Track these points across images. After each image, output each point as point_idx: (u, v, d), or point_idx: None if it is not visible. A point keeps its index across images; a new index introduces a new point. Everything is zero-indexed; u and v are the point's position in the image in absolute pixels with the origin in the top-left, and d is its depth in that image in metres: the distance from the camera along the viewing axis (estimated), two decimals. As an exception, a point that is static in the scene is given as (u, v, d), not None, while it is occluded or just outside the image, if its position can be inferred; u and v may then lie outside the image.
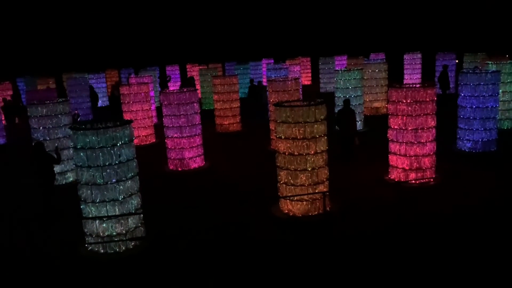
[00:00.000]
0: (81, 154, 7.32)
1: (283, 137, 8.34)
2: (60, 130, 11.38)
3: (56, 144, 10.48)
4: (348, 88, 15.43)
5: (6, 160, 14.92)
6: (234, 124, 16.86)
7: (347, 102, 12.21)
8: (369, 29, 41.21)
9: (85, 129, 7.32)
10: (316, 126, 8.18)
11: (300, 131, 8.15)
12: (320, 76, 26.99)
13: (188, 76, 28.83)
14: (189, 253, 7.48)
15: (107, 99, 26.36)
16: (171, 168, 12.29)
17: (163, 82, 25.46)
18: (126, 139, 7.54)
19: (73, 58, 41.00)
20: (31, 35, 42.96)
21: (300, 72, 23.27)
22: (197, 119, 12.27)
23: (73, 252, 7.66)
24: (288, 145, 8.29)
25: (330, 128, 9.38)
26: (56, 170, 11.26)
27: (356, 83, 15.54)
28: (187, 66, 34.11)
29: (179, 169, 12.15)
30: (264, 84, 27.98)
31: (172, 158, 12.26)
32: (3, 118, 18.30)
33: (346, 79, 15.44)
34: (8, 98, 22.33)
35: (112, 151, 7.33)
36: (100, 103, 25.76)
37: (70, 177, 11.63)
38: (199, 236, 8.10)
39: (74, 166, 8.16)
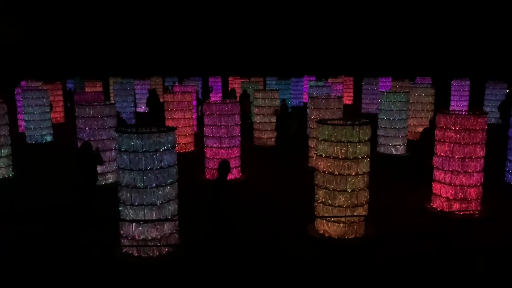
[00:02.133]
0: (124, 156, 7.46)
1: (323, 155, 8.19)
2: (104, 132, 11.71)
3: (99, 146, 10.77)
4: (392, 110, 15.07)
5: (53, 156, 15.51)
6: (272, 139, 16.80)
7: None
8: (416, 52, 40.40)
9: (130, 133, 7.48)
10: (359, 146, 7.99)
11: (342, 151, 7.98)
12: (362, 96, 26.59)
13: (230, 88, 29.15)
14: (220, 264, 7.42)
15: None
16: (208, 177, 12.35)
17: (205, 92, 25.87)
18: (169, 145, 7.64)
19: (121, 63, 42.53)
20: (82, 39, 45.01)
21: (342, 91, 23.06)
22: (237, 130, 12.32)
23: (108, 253, 7.76)
24: (329, 164, 8.13)
25: (373, 150, 9.15)
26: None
27: (401, 106, 15.17)
28: (229, 78, 34.63)
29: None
30: (305, 100, 27.88)
31: (209, 167, 12.32)
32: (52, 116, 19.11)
33: (391, 101, 15.10)
34: (58, 98, 23.35)
35: (154, 156, 7.43)
36: (143, 109, 26.42)
37: (110, 178, 11.91)
38: (232, 248, 8.02)
39: (115, 167, 8.36)
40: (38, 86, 21.21)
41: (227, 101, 12.53)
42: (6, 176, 12.60)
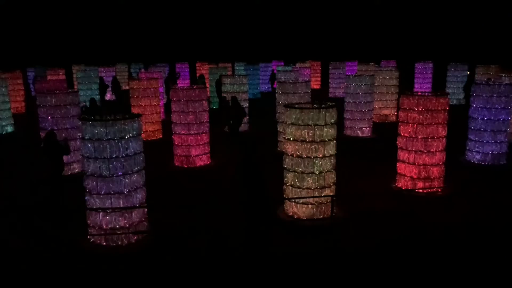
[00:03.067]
0: (89, 145, 7.28)
1: (291, 139, 8.26)
2: (68, 121, 11.36)
3: (65, 136, 10.45)
4: (358, 93, 15.33)
5: (15, 148, 14.96)
6: (242, 124, 16.77)
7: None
8: (381, 36, 41.03)
9: (94, 120, 7.29)
10: (325, 129, 8.10)
11: (309, 134, 8.07)
12: (329, 80, 26.89)
13: (198, 74, 28.82)
14: (189, 251, 7.42)
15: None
16: (176, 164, 12.25)
17: (172, 78, 25.46)
18: (135, 132, 7.50)
19: (84, 51, 41.19)
20: (43, 26, 43.21)
21: (310, 75, 23.22)
22: (206, 117, 12.22)
23: (75, 244, 7.61)
24: (297, 147, 8.21)
25: (339, 133, 9.30)
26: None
27: (366, 89, 15.44)
28: (196, 64, 34.19)
29: (185, 166, 12.11)
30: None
31: (178, 154, 12.22)
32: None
33: (357, 84, 15.34)
34: (18, 87, 22.42)
35: (120, 144, 7.29)
36: (108, 96, 25.77)
37: (76, 168, 11.62)
38: (200, 235, 8.03)
39: (80, 157, 8.16)
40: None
41: (195, 87, 12.38)
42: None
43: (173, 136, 12.31)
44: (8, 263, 7.15)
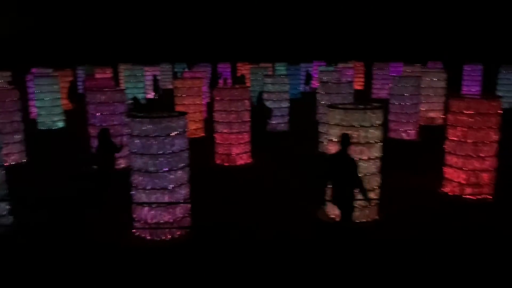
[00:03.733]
0: (137, 141, 7.51)
1: (335, 140, 8.16)
2: (115, 117, 11.76)
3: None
4: (403, 95, 14.92)
5: (65, 142, 15.67)
6: (282, 124, 16.78)
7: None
8: (427, 36, 39.78)
9: (142, 117, 7.51)
10: (371, 131, 7.94)
11: (354, 135, 7.94)
12: (373, 81, 26.34)
13: (239, 74, 29.05)
14: (232, 247, 7.49)
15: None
16: (217, 162, 12.40)
17: (214, 78, 25.82)
18: (181, 129, 7.66)
19: (130, 50, 42.53)
20: (92, 26, 45.00)
21: (353, 76, 22.86)
22: (247, 116, 12.30)
23: (121, 237, 7.86)
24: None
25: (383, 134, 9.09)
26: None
27: (412, 91, 15.00)
28: (237, 65, 34.50)
29: (226, 164, 12.24)
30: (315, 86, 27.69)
31: (219, 153, 12.36)
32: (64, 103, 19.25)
33: (402, 85, 14.95)
34: (68, 84, 23.47)
35: (166, 140, 7.47)
36: (150, 95, 26.47)
37: (122, 163, 12.00)
38: (242, 231, 8.09)
39: (127, 152, 8.42)
40: (49, 73, 21.34)
41: (237, 87, 12.48)
42: (20, 161, 12.76)
43: (214, 135, 12.47)
44: (54, 254, 7.48)
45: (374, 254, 7.20)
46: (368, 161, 8.04)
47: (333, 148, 8.16)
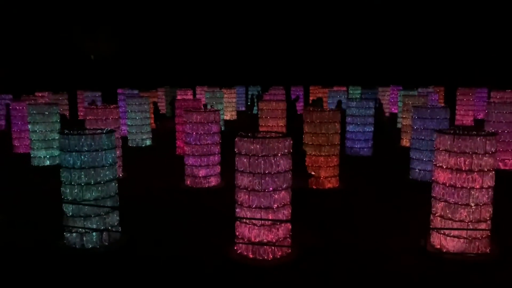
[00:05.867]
0: (244, 160, 7.72)
1: (444, 166, 7.83)
2: (209, 137, 12.22)
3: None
4: (501, 122, 14.07)
5: (154, 158, 16.52)
6: (365, 149, 16.46)
7: None
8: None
9: (250, 137, 7.73)
10: (485, 159, 7.54)
11: (466, 163, 7.58)
12: (456, 107, 25.15)
13: (315, 97, 29.13)
14: (330, 268, 7.37)
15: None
16: (313, 187, 12.28)
17: (291, 101, 26.07)
18: (285, 150, 7.78)
19: (206, 73, 44.37)
20: (172, 50, 47.66)
21: (437, 101, 22.04)
22: (337, 139, 12.22)
23: (221, 253, 8.02)
24: (450, 175, 7.75)
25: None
26: (202, 174, 12.17)
27: (510, 118, 14.10)
28: (310, 88, 34.68)
29: (314, 187, 12.16)
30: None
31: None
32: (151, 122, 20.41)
33: (499, 112, 14.12)
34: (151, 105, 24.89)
35: (273, 160, 7.61)
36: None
37: (213, 182, 12.39)
38: (343, 256, 7.95)
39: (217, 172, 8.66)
40: (136, 94, 22.82)
41: (328, 109, 12.50)
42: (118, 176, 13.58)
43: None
44: (154, 264, 7.81)
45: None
46: (480, 190, 7.61)
47: (442, 176, 7.85)
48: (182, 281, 7.18)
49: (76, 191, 8.11)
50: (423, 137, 12.58)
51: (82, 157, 8.03)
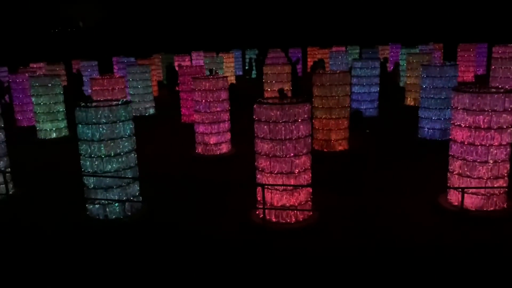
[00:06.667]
0: (264, 127, 7.72)
1: (462, 125, 7.89)
2: (219, 104, 12.14)
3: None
4: (508, 77, 14.07)
5: (159, 126, 16.46)
6: (371, 110, 16.46)
7: None
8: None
9: (269, 104, 7.69)
10: (504, 116, 7.59)
11: (485, 120, 7.63)
12: (458, 63, 24.96)
13: (316, 59, 28.80)
14: (351, 230, 7.56)
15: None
16: (316, 148, 12.36)
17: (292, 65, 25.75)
18: (305, 115, 7.77)
19: (201, 38, 43.48)
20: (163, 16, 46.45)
21: (440, 58, 21.86)
22: (347, 101, 12.21)
23: (245, 217, 8.17)
24: (468, 134, 7.82)
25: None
26: (213, 141, 12.19)
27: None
28: (307, 49, 34.23)
29: (325, 150, 12.26)
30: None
31: (318, 138, 12.38)
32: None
33: (506, 67, 14.08)
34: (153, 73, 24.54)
35: (293, 126, 7.61)
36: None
37: (224, 148, 12.43)
38: (362, 217, 8.13)
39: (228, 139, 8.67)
40: (135, 62, 22.41)
41: (338, 72, 12.40)
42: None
43: (314, 121, 12.49)
44: (178, 232, 7.95)
45: (501, 246, 6.95)
46: (499, 147, 7.71)
47: (460, 134, 7.92)
48: (206, 247, 7.34)
49: (96, 163, 8.12)
50: (432, 96, 12.58)
51: (101, 129, 7.99)
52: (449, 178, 8.32)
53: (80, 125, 8.10)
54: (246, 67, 33.97)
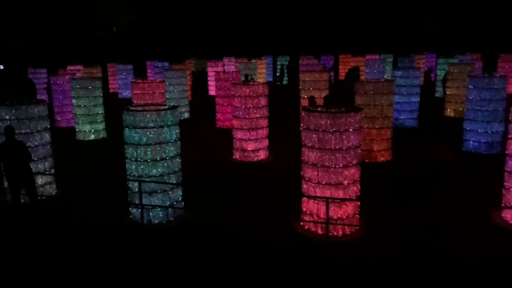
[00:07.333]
0: (313, 135, 7.54)
1: (522, 139, 7.52)
2: (258, 111, 12.04)
3: None
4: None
5: (195, 132, 16.48)
6: (411, 120, 16.06)
7: None
8: None
9: (318, 112, 7.51)
10: None
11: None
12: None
13: (351, 67, 28.44)
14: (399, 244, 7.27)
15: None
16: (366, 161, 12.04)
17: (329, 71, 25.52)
18: (357, 125, 7.55)
19: (229, 45, 43.70)
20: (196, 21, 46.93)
21: (480, 69, 21.20)
22: (391, 111, 11.91)
23: (288, 228, 7.99)
24: (528, 149, 7.44)
25: None
26: (251, 148, 12.05)
27: None
28: (339, 57, 33.87)
29: (366, 160, 11.94)
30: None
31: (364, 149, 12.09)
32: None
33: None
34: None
35: (343, 136, 7.41)
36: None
37: (261, 155, 12.30)
38: (411, 230, 7.83)
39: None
40: (170, 67, 22.62)
41: (382, 80, 12.12)
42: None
43: (354, 130, 12.22)
44: (219, 238, 7.82)
45: None
46: (561, 164, 7.31)
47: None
48: (250, 256, 7.19)
49: (142, 167, 8.11)
50: (479, 108, 12.13)
51: (148, 133, 7.98)
52: (505, 195, 7.93)
53: (127, 129, 8.12)
54: (278, 74, 33.91)
